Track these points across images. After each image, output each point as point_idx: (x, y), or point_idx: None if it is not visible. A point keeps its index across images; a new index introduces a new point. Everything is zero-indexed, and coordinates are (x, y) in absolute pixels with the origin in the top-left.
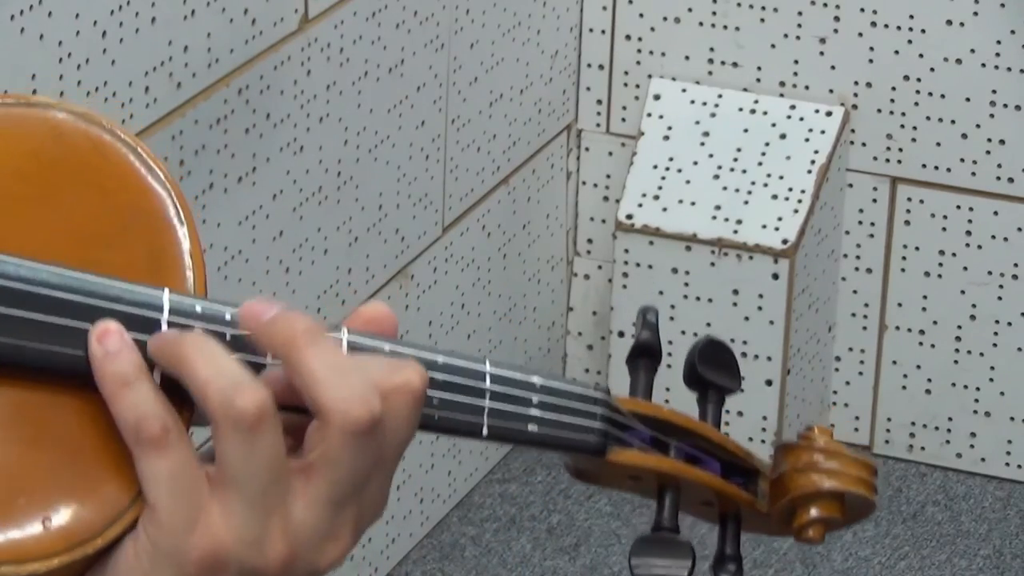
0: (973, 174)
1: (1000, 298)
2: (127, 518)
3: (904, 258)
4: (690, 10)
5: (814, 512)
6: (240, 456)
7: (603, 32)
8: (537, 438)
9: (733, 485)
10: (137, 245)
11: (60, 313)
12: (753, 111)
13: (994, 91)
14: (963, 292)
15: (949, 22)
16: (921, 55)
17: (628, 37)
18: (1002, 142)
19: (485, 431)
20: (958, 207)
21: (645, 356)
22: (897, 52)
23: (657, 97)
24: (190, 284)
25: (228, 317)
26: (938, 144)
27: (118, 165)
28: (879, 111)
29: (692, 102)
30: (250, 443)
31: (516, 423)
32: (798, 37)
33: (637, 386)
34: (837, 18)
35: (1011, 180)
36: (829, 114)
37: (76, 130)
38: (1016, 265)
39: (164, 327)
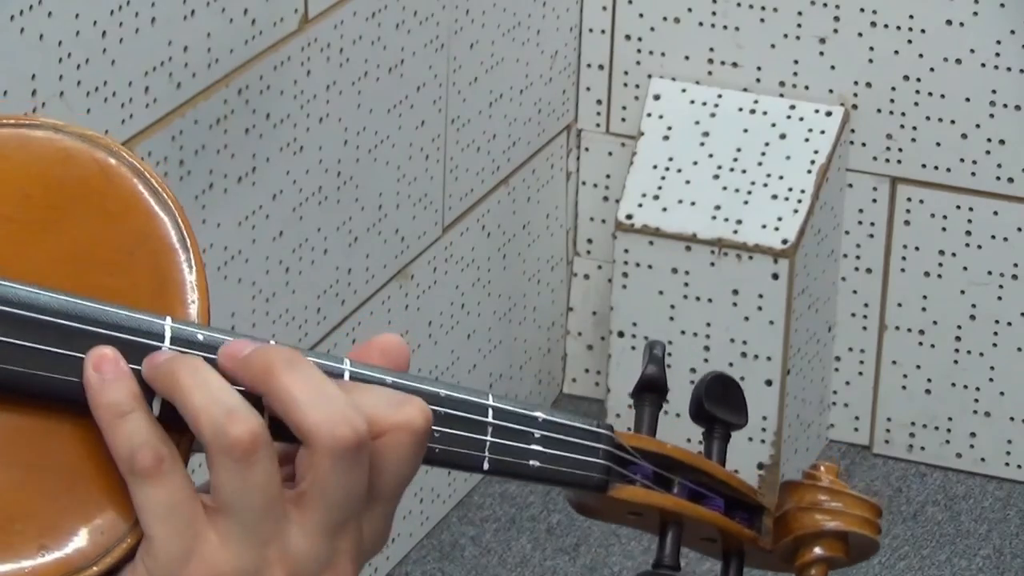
0: (973, 174)
1: (1000, 298)
2: (123, 547)
3: (904, 258)
4: (690, 10)
5: (817, 551)
6: (235, 485)
7: (603, 32)
8: (539, 473)
9: (736, 522)
10: (141, 271)
11: (59, 341)
12: (753, 111)
13: (994, 91)
14: (963, 292)
15: (949, 22)
16: (921, 55)
17: (628, 37)
18: (1002, 142)
19: (486, 465)
20: (958, 207)
21: (650, 391)
22: (897, 52)
23: (657, 97)
24: (193, 311)
25: None
26: (938, 144)
27: (124, 189)
28: (879, 111)
29: (692, 102)
30: (244, 471)
31: (518, 458)
32: (798, 37)
33: (642, 421)
34: (837, 18)
35: (1011, 180)
36: (829, 114)
37: (82, 153)
38: (1016, 265)
39: None
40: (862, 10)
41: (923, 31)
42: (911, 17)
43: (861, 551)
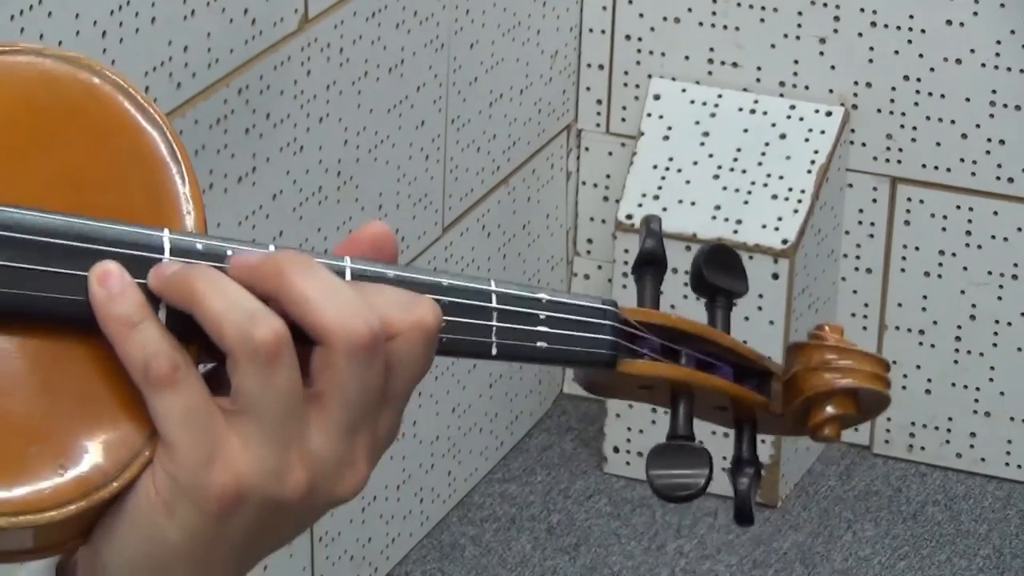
0: (973, 174)
1: (1000, 298)
2: (141, 460)
3: (904, 258)
4: (690, 10)
5: (829, 410)
6: (259, 387)
7: (603, 32)
8: (547, 354)
9: (746, 388)
10: (134, 187)
11: (60, 261)
12: (753, 111)
13: (994, 91)
14: (963, 292)
15: (949, 22)
16: (921, 55)
17: (628, 37)
18: (1002, 142)
19: (494, 351)
20: (958, 207)
21: (651, 264)
22: (897, 52)
23: (657, 97)
24: (190, 222)
25: (230, 253)
26: (938, 144)
27: (110, 108)
28: (879, 111)
29: (692, 102)
30: (268, 374)
31: (525, 341)
32: (798, 37)
33: (644, 295)
34: (837, 18)
35: (1011, 180)
36: (829, 114)
37: (66, 75)
38: (1016, 265)
39: None
40: (862, 10)
41: (923, 31)
42: (911, 17)
43: (872, 406)
